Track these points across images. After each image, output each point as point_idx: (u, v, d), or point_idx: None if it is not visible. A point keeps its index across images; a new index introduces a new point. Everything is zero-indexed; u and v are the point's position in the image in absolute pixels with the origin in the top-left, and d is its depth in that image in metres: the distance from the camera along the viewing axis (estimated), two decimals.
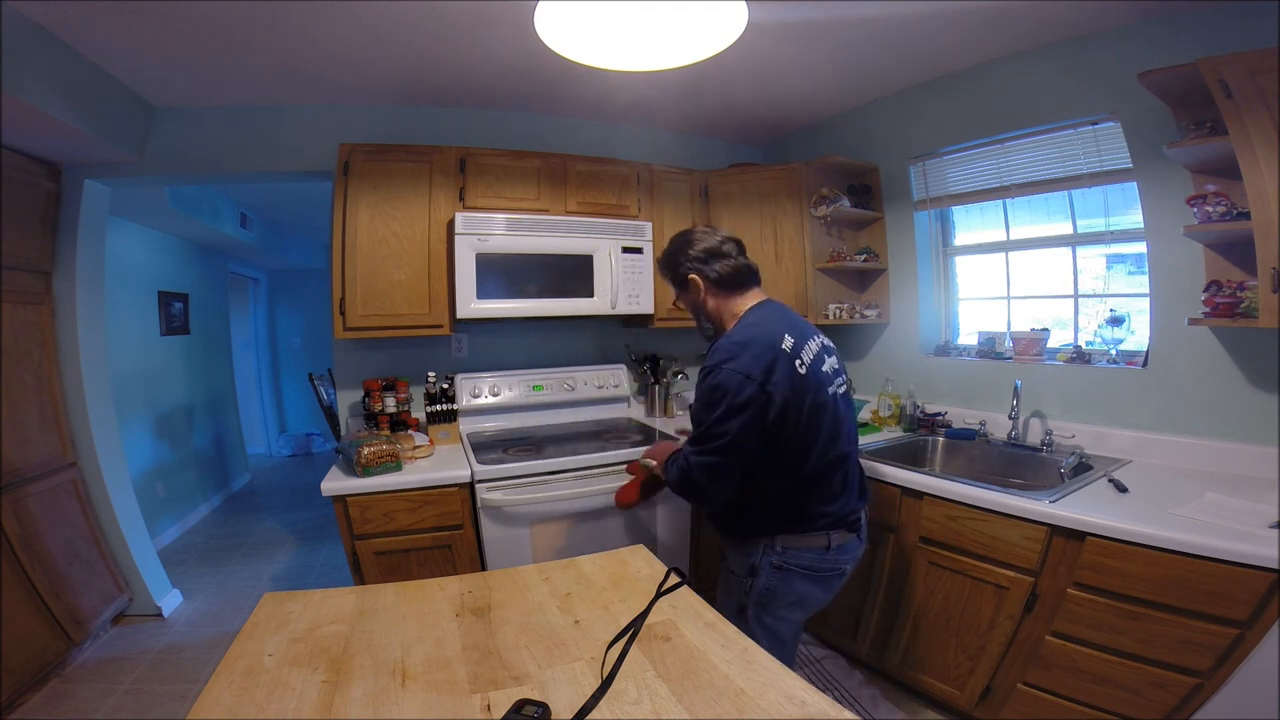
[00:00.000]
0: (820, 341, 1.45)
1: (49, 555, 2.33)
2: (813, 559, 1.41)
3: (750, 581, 1.43)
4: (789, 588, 1.42)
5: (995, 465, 2.23)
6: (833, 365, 1.46)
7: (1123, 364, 2.10)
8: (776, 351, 1.32)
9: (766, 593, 1.42)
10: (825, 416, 1.38)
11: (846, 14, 1.93)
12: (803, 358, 1.35)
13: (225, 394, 5.24)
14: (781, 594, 1.42)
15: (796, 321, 1.44)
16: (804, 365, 1.35)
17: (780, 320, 1.41)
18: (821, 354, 1.42)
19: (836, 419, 1.42)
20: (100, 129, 2.18)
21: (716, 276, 1.49)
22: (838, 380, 1.46)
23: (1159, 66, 1.69)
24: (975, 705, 1.81)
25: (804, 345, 1.38)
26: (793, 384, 1.32)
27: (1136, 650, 1.45)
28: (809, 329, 1.45)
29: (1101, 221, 2.22)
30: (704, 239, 1.52)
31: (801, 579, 1.42)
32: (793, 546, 1.40)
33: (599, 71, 1.71)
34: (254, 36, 1.98)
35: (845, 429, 1.45)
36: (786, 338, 1.35)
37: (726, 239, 1.53)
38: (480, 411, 2.61)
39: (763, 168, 2.91)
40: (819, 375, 1.38)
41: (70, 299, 2.52)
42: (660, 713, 0.84)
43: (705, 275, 1.50)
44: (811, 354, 1.38)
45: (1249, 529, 1.36)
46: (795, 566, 1.41)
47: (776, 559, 1.40)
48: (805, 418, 1.34)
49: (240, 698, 0.88)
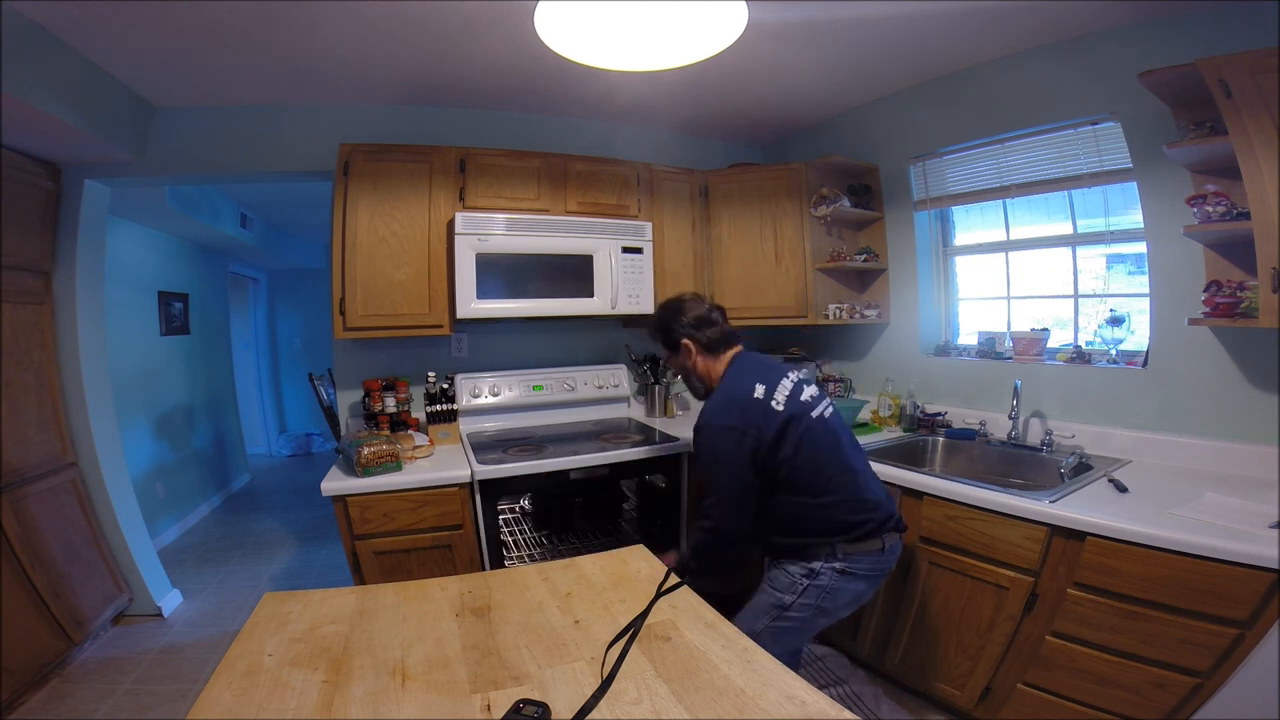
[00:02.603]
0: (794, 378, 1.61)
1: (49, 555, 2.33)
2: (871, 562, 1.52)
3: (806, 584, 1.50)
4: (849, 588, 1.52)
5: (995, 465, 2.23)
6: (811, 393, 1.61)
7: (1123, 364, 2.10)
8: (749, 401, 1.52)
9: (826, 593, 1.50)
10: (821, 436, 1.54)
11: (846, 14, 1.93)
12: (776, 398, 1.53)
13: (225, 394, 5.24)
14: (841, 594, 1.52)
15: (766, 367, 1.63)
16: (779, 404, 1.53)
17: (751, 373, 1.59)
18: (799, 387, 1.59)
19: (832, 434, 1.57)
20: (100, 129, 2.18)
21: (706, 341, 1.69)
22: (821, 404, 1.61)
23: (1159, 66, 1.69)
24: (975, 705, 1.81)
25: (776, 387, 1.55)
26: (773, 423, 1.50)
27: (1136, 650, 1.45)
28: (778, 371, 1.62)
29: (1101, 221, 2.22)
30: (694, 307, 1.73)
31: (860, 579, 1.53)
32: (853, 552, 1.50)
33: (599, 71, 1.71)
34: (254, 36, 1.98)
35: (844, 440, 1.60)
36: (758, 387, 1.54)
37: (713, 307, 1.76)
38: (480, 411, 2.61)
39: (763, 168, 2.91)
40: (797, 406, 1.54)
41: (70, 299, 2.52)
42: (660, 713, 0.84)
43: (697, 340, 1.70)
44: (786, 391, 1.55)
45: (1249, 529, 1.36)
46: (857, 570, 1.51)
47: (839, 564, 1.50)
48: (802, 443, 1.50)
49: (240, 698, 0.88)
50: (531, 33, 1.51)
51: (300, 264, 5.98)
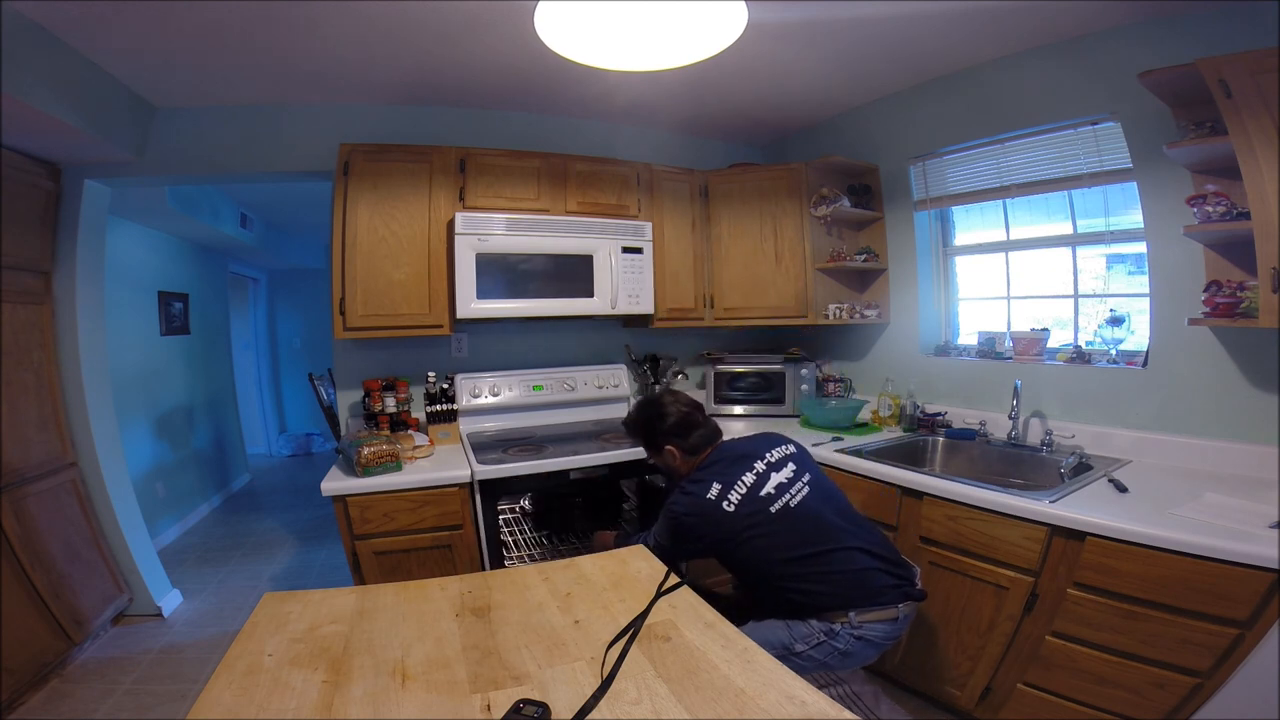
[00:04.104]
0: (762, 465, 1.59)
1: (49, 555, 2.33)
2: (885, 630, 1.50)
3: (823, 639, 1.47)
4: (862, 654, 1.50)
5: (995, 465, 2.23)
6: (782, 480, 1.58)
7: (1123, 364, 2.10)
8: (703, 502, 1.53)
9: (839, 655, 1.47)
10: (792, 525, 1.52)
11: (846, 14, 1.93)
12: (729, 499, 1.52)
13: (225, 394, 5.24)
14: (853, 658, 1.50)
15: (735, 460, 1.60)
16: (731, 505, 1.52)
17: (714, 470, 1.59)
18: (764, 477, 1.57)
19: (808, 520, 1.53)
20: (100, 129, 2.18)
21: (689, 446, 1.69)
22: (792, 490, 1.57)
23: (1159, 66, 1.69)
24: (975, 705, 1.81)
25: (732, 486, 1.54)
26: (723, 525, 1.51)
27: (1136, 650, 1.45)
28: (745, 463, 1.59)
29: (1101, 221, 2.22)
30: (673, 409, 1.72)
31: (873, 646, 1.50)
32: (868, 620, 1.47)
33: (599, 71, 1.71)
34: (254, 36, 1.98)
35: (828, 519, 1.55)
36: (713, 487, 1.54)
37: (692, 406, 1.75)
38: (480, 411, 2.61)
39: (763, 167, 2.91)
40: (753, 504, 1.53)
41: (70, 299, 2.52)
42: (660, 713, 0.84)
43: (680, 447, 1.70)
44: (745, 487, 1.54)
45: (1249, 529, 1.36)
46: (872, 637, 1.48)
47: (858, 631, 1.47)
48: (757, 538, 1.50)
49: (240, 698, 0.88)
50: (531, 33, 1.51)
51: (300, 264, 5.98)
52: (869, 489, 2.06)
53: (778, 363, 2.93)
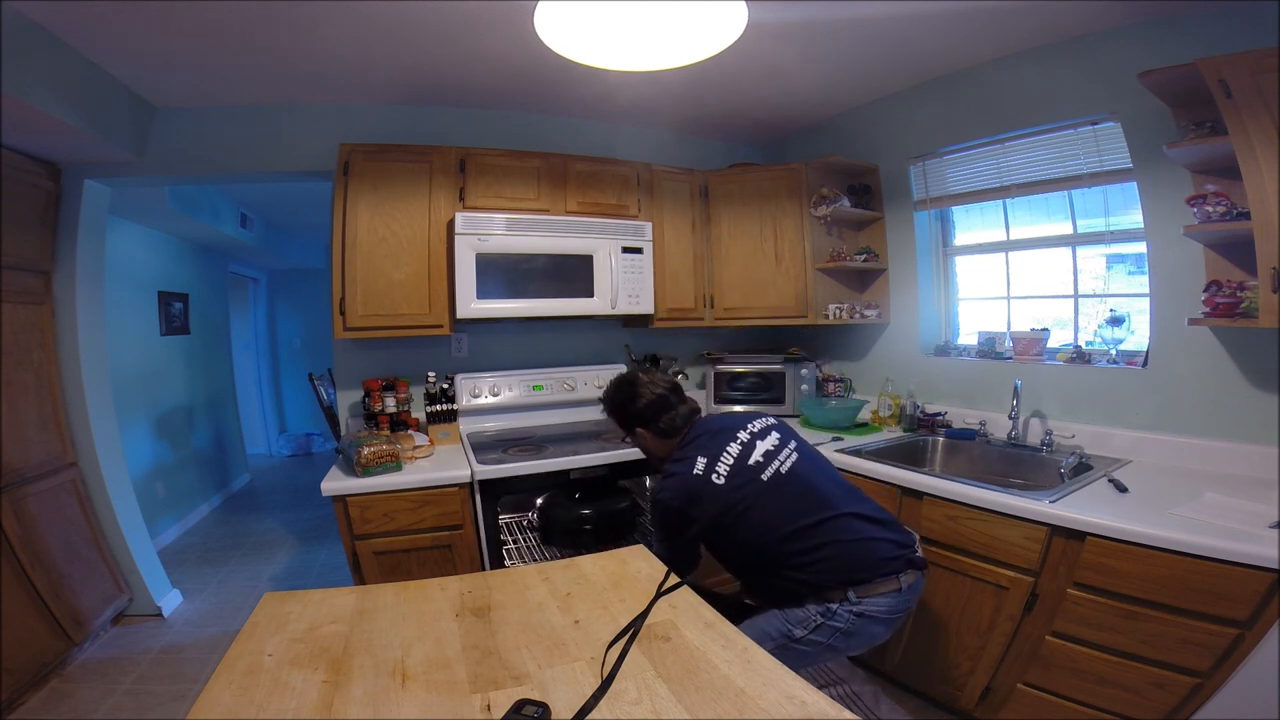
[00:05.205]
0: (747, 434, 1.58)
1: (49, 555, 2.33)
2: (889, 603, 1.45)
3: (820, 621, 1.43)
4: (867, 631, 1.45)
5: (995, 465, 2.23)
6: (768, 447, 1.57)
7: (1123, 364, 2.10)
8: (690, 478, 1.51)
9: (841, 634, 1.43)
10: (783, 492, 1.50)
11: (846, 14, 1.93)
12: (718, 470, 1.51)
13: (225, 394, 5.24)
14: (857, 637, 1.45)
15: (716, 434, 1.59)
16: (720, 476, 1.50)
17: (696, 445, 1.58)
18: (749, 446, 1.56)
19: (800, 484, 1.52)
20: (100, 129, 2.18)
21: (661, 429, 1.68)
22: (780, 457, 1.56)
23: (1159, 66, 1.69)
24: (975, 705, 1.81)
25: (719, 458, 1.53)
26: (717, 499, 1.48)
27: (1136, 650, 1.45)
28: (728, 434, 1.58)
29: (1101, 221, 2.22)
30: (647, 391, 1.69)
31: (878, 622, 1.45)
32: (868, 595, 1.43)
33: (599, 71, 1.71)
34: (254, 36, 1.98)
35: (820, 486, 1.54)
36: (699, 462, 1.52)
37: (668, 389, 1.71)
38: (480, 411, 2.61)
39: (763, 168, 2.91)
40: (742, 474, 1.51)
41: (70, 299, 2.52)
42: (660, 713, 0.84)
43: (650, 429, 1.69)
44: (731, 458, 1.53)
45: (1249, 529, 1.36)
46: (875, 612, 1.44)
47: (857, 607, 1.43)
48: (752, 509, 1.48)
49: (240, 698, 0.88)
50: (531, 33, 1.51)
51: (300, 264, 5.98)
52: (869, 489, 2.04)
53: (778, 363, 2.93)
